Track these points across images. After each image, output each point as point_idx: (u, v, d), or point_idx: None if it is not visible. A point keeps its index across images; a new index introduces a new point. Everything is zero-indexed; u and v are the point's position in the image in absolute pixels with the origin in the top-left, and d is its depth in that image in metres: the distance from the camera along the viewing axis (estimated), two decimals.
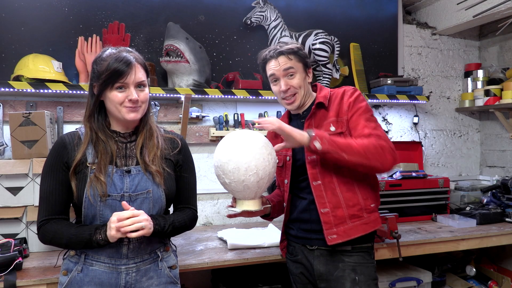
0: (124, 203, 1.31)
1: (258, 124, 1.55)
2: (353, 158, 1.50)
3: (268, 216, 1.82)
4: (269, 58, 1.68)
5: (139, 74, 1.38)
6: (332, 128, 1.63)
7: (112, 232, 1.28)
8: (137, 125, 1.46)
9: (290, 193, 1.77)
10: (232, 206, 1.62)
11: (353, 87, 1.71)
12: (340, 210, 1.62)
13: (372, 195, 1.68)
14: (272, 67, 1.67)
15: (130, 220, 1.28)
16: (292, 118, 1.80)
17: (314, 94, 1.76)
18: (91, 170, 1.36)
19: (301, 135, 1.50)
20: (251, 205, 1.57)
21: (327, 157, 1.53)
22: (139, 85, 1.39)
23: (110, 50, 1.39)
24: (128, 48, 1.42)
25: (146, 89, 1.42)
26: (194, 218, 1.54)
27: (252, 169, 1.47)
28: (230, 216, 1.74)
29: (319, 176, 1.64)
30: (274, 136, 1.81)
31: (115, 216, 1.29)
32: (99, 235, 1.32)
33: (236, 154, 1.48)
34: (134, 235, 1.29)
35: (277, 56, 1.66)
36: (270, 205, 1.76)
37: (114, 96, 1.35)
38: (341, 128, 1.63)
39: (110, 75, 1.33)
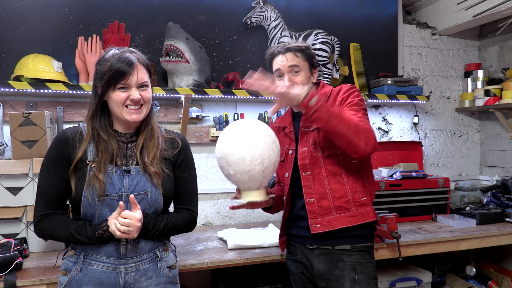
0: (121, 203, 1.32)
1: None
2: (340, 127, 1.46)
3: (269, 209, 1.82)
4: (277, 53, 1.71)
5: (141, 74, 1.38)
6: None
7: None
8: (138, 126, 1.47)
9: (290, 189, 1.77)
10: (236, 198, 1.60)
11: (351, 85, 1.73)
12: (326, 201, 1.64)
13: (363, 188, 1.67)
14: (279, 62, 1.69)
15: (123, 221, 1.30)
16: (295, 116, 1.81)
17: None
18: (90, 168, 1.36)
19: (299, 90, 1.46)
20: (257, 196, 1.55)
21: (315, 118, 1.47)
22: (142, 86, 1.39)
23: (113, 51, 1.39)
24: (131, 49, 1.43)
25: (149, 89, 1.42)
26: (191, 220, 1.51)
27: (257, 158, 1.45)
28: (233, 207, 1.70)
29: (309, 167, 1.67)
30: (276, 131, 1.82)
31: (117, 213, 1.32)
32: (103, 232, 1.33)
33: (240, 144, 1.45)
34: (118, 234, 1.31)
35: (285, 52, 1.68)
36: (273, 195, 1.74)
37: (117, 96, 1.36)
38: None
39: (113, 76, 1.34)
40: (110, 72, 1.34)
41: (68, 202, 1.43)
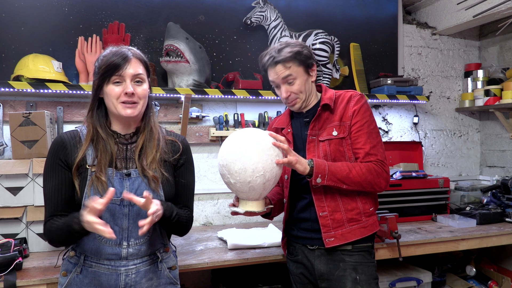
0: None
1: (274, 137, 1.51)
2: (350, 187, 1.61)
3: (268, 215, 1.81)
4: (268, 67, 1.68)
5: (136, 67, 1.37)
6: (335, 133, 1.66)
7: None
8: (138, 126, 1.45)
9: (290, 191, 1.77)
10: (234, 205, 1.60)
11: (360, 93, 1.71)
12: (339, 214, 1.64)
13: (371, 199, 1.71)
14: (272, 75, 1.67)
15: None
16: (294, 116, 1.80)
17: (319, 94, 1.76)
18: (91, 172, 1.34)
19: (303, 169, 1.54)
20: (255, 206, 1.55)
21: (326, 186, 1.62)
22: (137, 80, 1.37)
23: (111, 48, 1.40)
24: (130, 47, 1.42)
25: (145, 85, 1.40)
26: (191, 219, 1.52)
27: (259, 170, 1.44)
28: (233, 213, 1.72)
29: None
30: (274, 132, 1.81)
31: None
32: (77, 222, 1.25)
33: (244, 155, 1.44)
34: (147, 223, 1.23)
35: (274, 65, 1.64)
36: (272, 206, 1.74)
37: (111, 90, 1.34)
38: (343, 133, 1.66)
39: (107, 69, 1.34)
40: (105, 65, 1.34)
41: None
